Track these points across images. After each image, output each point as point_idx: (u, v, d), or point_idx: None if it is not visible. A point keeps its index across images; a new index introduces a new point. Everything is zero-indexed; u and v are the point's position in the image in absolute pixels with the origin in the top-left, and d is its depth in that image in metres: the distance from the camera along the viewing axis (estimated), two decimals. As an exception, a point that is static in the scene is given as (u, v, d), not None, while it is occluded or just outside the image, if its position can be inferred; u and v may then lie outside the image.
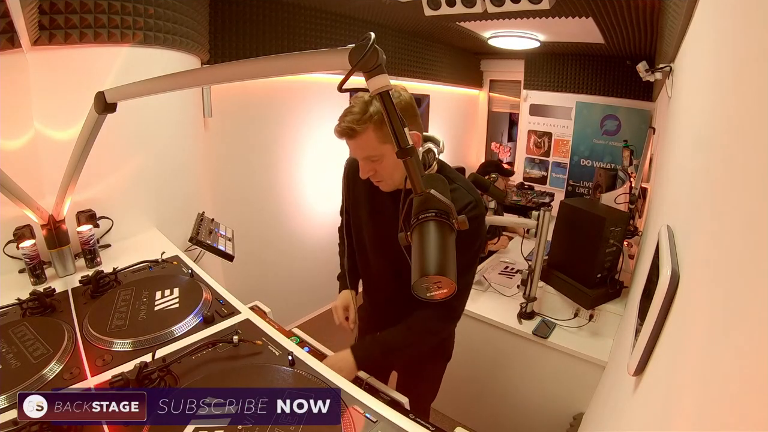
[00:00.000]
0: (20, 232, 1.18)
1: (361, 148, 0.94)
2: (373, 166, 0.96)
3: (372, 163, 0.95)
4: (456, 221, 0.62)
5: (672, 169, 1.18)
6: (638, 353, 0.66)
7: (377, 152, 0.93)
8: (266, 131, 2.54)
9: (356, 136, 0.91)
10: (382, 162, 0.95)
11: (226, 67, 0.74)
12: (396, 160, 0.93)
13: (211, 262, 1.71)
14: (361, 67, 0.54)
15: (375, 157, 0.94)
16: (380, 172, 0.97)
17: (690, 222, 0.65)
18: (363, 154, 0.95)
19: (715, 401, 0.36)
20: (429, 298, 0.61)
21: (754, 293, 0.32)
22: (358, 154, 0.96)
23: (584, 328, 1.69)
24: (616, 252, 1.63)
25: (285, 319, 1.86)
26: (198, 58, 1.83)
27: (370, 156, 0.94)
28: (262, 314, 1.08)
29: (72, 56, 1.29)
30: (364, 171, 0.98)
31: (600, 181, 2.76)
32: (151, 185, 1.60)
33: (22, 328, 0.94)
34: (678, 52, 1.45)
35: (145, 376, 0.76)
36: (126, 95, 0.88)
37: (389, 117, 0.58)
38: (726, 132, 0.52)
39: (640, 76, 2.23)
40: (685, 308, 0.54)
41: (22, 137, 1.23)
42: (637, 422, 0.63)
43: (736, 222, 0.41)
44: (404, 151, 0.59)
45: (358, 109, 0.90)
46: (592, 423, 1.23)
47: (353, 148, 0.95)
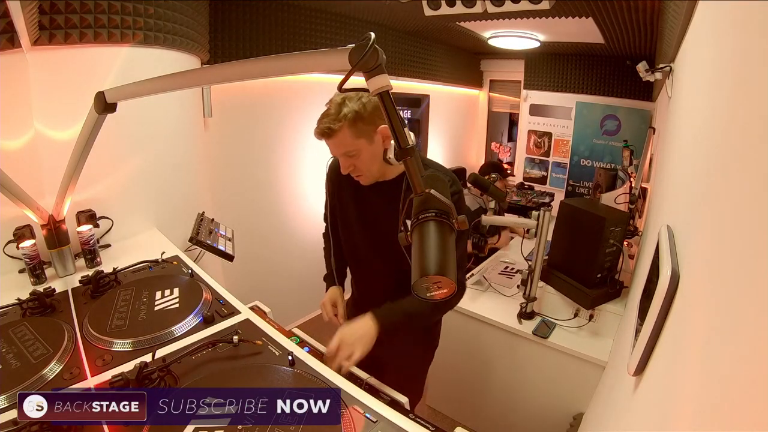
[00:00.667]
0: (20, 232, 1.18)
1: (339, 146, 1.02)
2: (351, 161, 1.04)
3: (350, 158, 1.03)
4: (456, 221, 0.62)
5: (672, 169, 1.18)
6: (638, 353, 0.66)
7: (353, 147, 1.01)
8: (266, 131, 2.54)
9: (333, 135, 1.00)
10: (359, 156, 1.03)
11: (226, 67, 0.74)
12: (372, 153, 1.04)
13: (211, 262, 1.71)
14: (361, 67, 0.54)
15: (352, 152, 1.02)
16: (359, 166, 1.05)
17: (690, 222, 0.65)
18: (341, 150, 1.03)
19: (715, 401, 0.36)
20: (429, 298, 0.61)
21: (754, 293, 0.32)
22: (337, 152, 1.05)
23: (584, 328, 1.69)
24: (616, 252, 1.63)
25: (285, 319, 1.86)
26: (198, 58, 1.83)
27: (348, 152, 1.02)
28: (262, 314, 1.08)
29: (72, 56, 1.29)
30: (344, 167, 1.06)
31: (600, 181, 2.76)
32: (151, 185, 1.60)
33: (22, 328, 0.94)
34: (678, 52, 1.45)
35: (145, 376, 0.76)
36: (126, 95, 0.88)
37: (389, 117, 0.58)
38: (726, 132, 0.52)
39: (640, 76, 2.23)
40: (685, 308, 0.54)
41: (22, 137, 1.23)
42: (637, 422, 0.63)
43: (736, 222, 0.41)
44: (404, 151, 0.59)
45: (333, 110, 1.00)
46: (592, 423, 1.23)
47: (332, 146, 1.04)
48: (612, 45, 2.91)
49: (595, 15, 2.15)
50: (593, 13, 2.11)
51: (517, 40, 3.07)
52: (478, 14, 1.90)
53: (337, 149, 1.04)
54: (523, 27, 2.83)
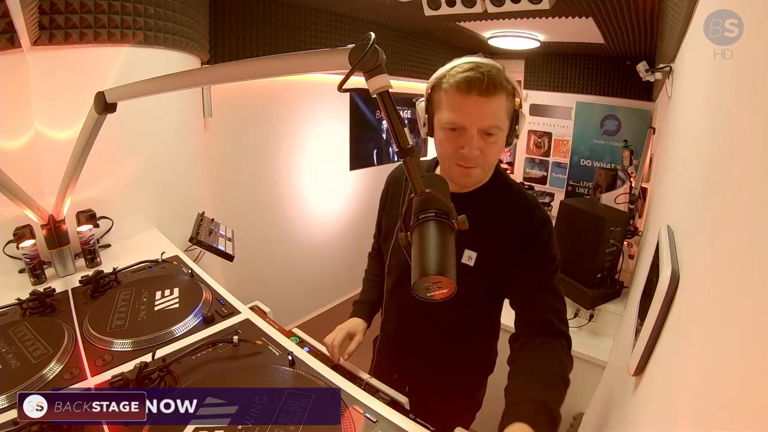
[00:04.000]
0: (20, 232, 1.18)
1: (490, 115, 0.77)
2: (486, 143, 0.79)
3: (489, 137, 0.79)
4: (456, 221, 0.62)
5: (672, 169, 1.18)
6: (638, 353, 0.66)
7: (503, 123, 0.79)
8: (266, 131, 2.54)
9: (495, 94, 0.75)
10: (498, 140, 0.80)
11: (226, 67, 0.74)
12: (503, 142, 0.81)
13: (211, 262, 1.71)
14: (361, 67, 0.54)
15: (498, 129, 0.78)
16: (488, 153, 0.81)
17: (690, 222, 0.65)
18: (490, 121, 0.77)
19: (715, 401, 0.36)
20: (429, 298, 0.60)
21: (753, 293, 0.32)
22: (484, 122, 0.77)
23: (584, 328, 1.69)
24: (616, 252, 1.64)
25: (285, 319, 1.86)
26: (198, 58, 1.83)
27: (497, 125, 0.78)
28: (262, 314, 1.08)
29: (72, 56, 1.29)
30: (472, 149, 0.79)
31: (600, 181, 2.76)
32: (151, 185, 1.60)
33: (22, 328, 0.94)
34: (678, 52, 1.45)
35: (145, 376, 0.76)
36: (126, 95, 0.88)
37: (389, 117, 0.58)
38: (725, 132, 0.52)
39: (640, 76, 2.22)
40: (685, 308, 0.54)
41: (22, 137, 1.23)
42: (638, 422, 0.63)
43: (735, 222, 0.41)
44: (404, 151, 0.59)
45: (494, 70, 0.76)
46: (592, 423, 1.23)
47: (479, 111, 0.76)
48: (612, 45, 2.90)
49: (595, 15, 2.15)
50: (593, 13, 2.11)
51: (517, 40, 3.07)
52: (478, 14, 1.89)
53: (485, 119, 0.77)
54: (523, 27, 2.83)
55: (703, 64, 0.77)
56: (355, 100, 3.10)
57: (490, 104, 0.76)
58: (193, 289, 1.11)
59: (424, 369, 1.08)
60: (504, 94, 0.77)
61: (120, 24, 1.35)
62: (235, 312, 1.05)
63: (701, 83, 0.80)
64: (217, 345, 0.89)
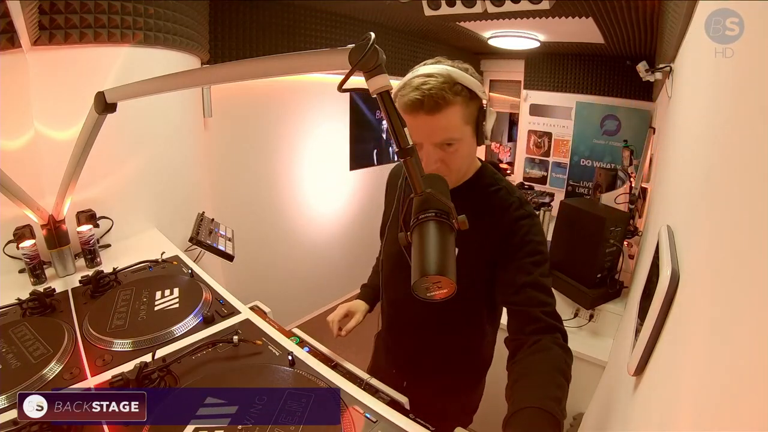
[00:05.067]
0: (20, 232, 1.18)
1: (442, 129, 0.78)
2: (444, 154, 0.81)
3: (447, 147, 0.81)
4: (456, 221, 0.62)
5: (672, 169, 1.18)
6: (638, 353, 0.66)
7: (459, 134, 0.80)
8: (266, 131, 2.54)
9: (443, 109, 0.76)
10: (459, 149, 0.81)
11: (226, 67, 0.74)
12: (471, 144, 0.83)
13: (211, 262, 1.71)
14: (361, 67, 0.54)
15: (455, 140, 0.80)
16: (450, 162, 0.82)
17: (690, 222, 0.65)
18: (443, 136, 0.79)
19: (715, 401, 0.36)
20: (429, 298, 0.60)
21: (754, 293, 0.32)
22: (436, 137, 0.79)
23: (584, 328, 1.69)
24: (616, 252, 1.64)
25: (285, 319, 1.86)
26: (198, 58, 1.83)
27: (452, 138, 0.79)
28: (262, 314, 1.08)
29: (72, 56, 1.29)
30: (431, 161, 0.81)
31: (600, 181, 2.76)
32: (151, 185, 1.60)
33: (22, 328, 0.94)
34: (678, 52, 1.45)
35: (145, 376, 0.76)
36: (126, 95, 0.88)
37: (389, 117, 0.58)
38: (725, 132, 0.52)
39: (640, 76, 2.22)
40: (685, 308, 0.54)
41: (22, 137, 1.23)
42: (637, 422, 0.63)
43: (736, 222, 0.41)
44: (404, 151, 0.59)
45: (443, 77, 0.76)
46: (592, 423, 1.23)
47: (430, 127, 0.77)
48: (612, 45, 2.90)
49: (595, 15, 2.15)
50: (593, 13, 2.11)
51: (517, 40, 3.07)
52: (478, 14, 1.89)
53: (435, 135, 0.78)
54: (523, 27, 2.83)
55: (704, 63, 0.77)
56: (355, 100, 3.10)
57: (439, 120, 0.78)
58: (193, 289, 1.11)
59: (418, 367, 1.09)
60: (456, 105, 0.78)
61: (120, 24, 1.35)
62: (235, 312, 1.05)
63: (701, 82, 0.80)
64: (217, 345, 0.89)
